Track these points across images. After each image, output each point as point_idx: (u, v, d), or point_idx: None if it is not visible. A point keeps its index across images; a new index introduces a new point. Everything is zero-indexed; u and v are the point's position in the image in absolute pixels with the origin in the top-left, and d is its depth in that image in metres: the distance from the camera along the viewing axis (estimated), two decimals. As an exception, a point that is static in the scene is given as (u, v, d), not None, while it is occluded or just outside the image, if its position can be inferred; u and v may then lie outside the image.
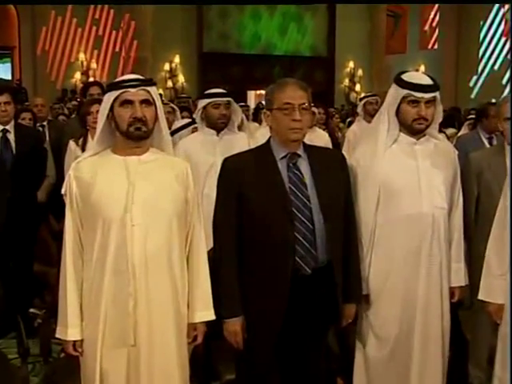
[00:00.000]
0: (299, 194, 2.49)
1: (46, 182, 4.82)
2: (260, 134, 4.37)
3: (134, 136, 2.29)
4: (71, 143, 4.47)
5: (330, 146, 5.70)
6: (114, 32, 15.16)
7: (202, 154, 3.94)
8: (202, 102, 4.07)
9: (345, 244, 2.62)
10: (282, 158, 2.54)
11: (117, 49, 15.25)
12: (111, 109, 2.31)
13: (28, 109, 6.34)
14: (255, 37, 16.91)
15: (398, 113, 2.74)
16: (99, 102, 4.38)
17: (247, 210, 2.50)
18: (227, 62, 16.26)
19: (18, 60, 15.21)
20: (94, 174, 2.31)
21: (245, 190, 2.50)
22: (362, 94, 8.26)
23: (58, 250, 4.81)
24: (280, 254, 2.46)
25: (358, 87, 17.91)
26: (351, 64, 17.86)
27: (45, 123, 6.27)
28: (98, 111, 4.19)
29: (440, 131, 3.71)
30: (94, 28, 15.02)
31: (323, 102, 7.71)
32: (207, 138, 4.02)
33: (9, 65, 15.55)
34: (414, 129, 2.73)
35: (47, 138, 5.93)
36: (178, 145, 4.10)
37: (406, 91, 2.68)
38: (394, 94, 2.73)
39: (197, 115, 4.15)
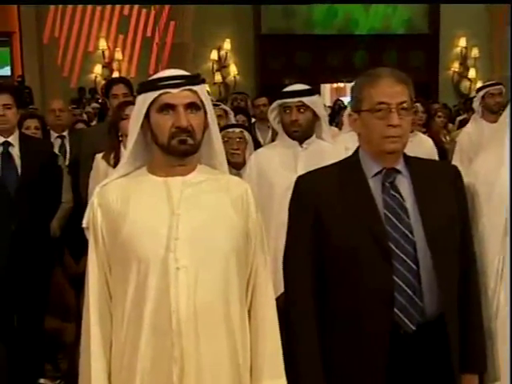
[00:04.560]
0: (398, 224, 2.48)
1: (60, 210, 4.94)
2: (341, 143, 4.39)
3: (177, 151, 2.34)
4: (99, 160, 4.53)
5: (435, 155, 5.67)
6: (143, 11, 15.42)
7: (280, 169, 4.03)
8: (274, 104, 4.19)
9: (462, 290, 2.59)
10: (375, 175, 2.55)
11: (148, 33, 15.49)
12: (147, 115, 2.36)
13: (34, 114, 6.49)
14: (330, 12, 16.97)
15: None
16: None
17: (328, 244, 2.51)
18: (293, 47, 16.37)
19: (19, 50, 15.58)
20: (126, 201, 2.37)
21: (324, 218, 2.51)
22: (479, 83, 8.15)
23: (76, 300, 4.97)
24: (374, 304, 2.45)
25: (472, 73, 17.68)
26: (462, 42, 17.65)
27: (65, 133, 6.39)
28: None
29: None
30: (118, 7, 15.30)
31: (424, 96, 7.67)
32: (287, 150, 4.09)
33: (7, 56, 15.96)
34: None
35: (67, 153, 6.07)
36: (250, 157, 4.25)
37: None
38: None
39: (270, 119, 4.23)
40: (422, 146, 5.59)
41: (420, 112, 6.41)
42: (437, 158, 5.62)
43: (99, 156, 4.55)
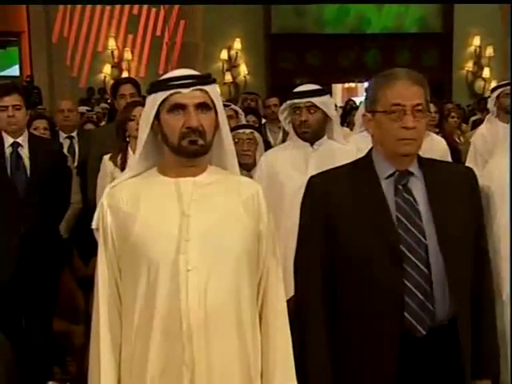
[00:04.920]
0: (411, 227, 2.48)
1: (69, 211, 4.96)
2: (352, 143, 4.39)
3: (187, 151, 2.34)
4: (106, 161, 4.55)
5: (448, 156, 5.65)
6: (153, 11, 15.42)
7: (290, 170, 4.04)
8: (284, 104, 4.21)
9: (476, 294, 2.58)
10: (388, 177, 2.55)
11: (158, 33, 15.51)
12: (157, 115, 2.37)
13: (42, 115, 6.52)
14: (341, 11, 16.95)
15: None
16: (143, 104, 4.53)
17: (339, 246, 2.52)
18: (304, 46, 16.36)
19: (28, 50, 15.61)
20: (136, 202, 2.37)
21: (336, 220, 2.52)
22: (493, 83, 8.12)
23: (85, 302, 4.98)
24: (384, 308, 2.46)
25: (486, 72, 17.61)
26: (476, 41, 17.58)
27: (74, 134, 6.39)
28: None
29: None
30: (128, 6, 15.31)
31: (437, 96, 7.64)
32: (298, 151, 4.10)
33: (16, 56, 16.01)
34: None
35: (76, 154, 6.08)
36: (261, 158, 4.28)
37: None
38: None
39: (281, 119, 4.25)
40: (435, 147, 5.56)
41: (433, 112, 6.38)
42: (450, 159, 5.60)
43: (106, 157, 4.58)
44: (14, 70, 16.03)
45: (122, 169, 4.38)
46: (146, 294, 2.31)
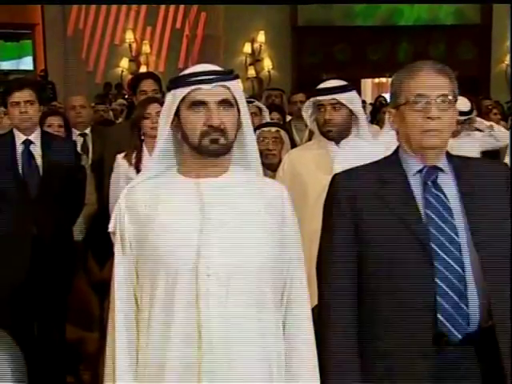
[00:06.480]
0: (442, 225, 2.48)
1: (84, 212, 4.99)
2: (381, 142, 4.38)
3: (208, 151, 2.35)
4: (120, 160, 4.57)
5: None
6: (173, 2, 15.49)
7: (314, 171, 4.03)
8: (308, 101, 4.22)
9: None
10: (416, 173, 2.56)
11: (177, 25, 15.55)
12: (177, 113, 2.38)
13: (56, 111, 6.53)
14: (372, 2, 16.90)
15: None
16: (159, 100, 4.50)
17: (366, 247, 2.52)
18: (332, 39, 16.33)
19: (43, 43, 15.75)
20: (155, 204, 2.38)
21: (362, 218, 2.52)
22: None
23: (100, 308, 5.00)
24: (414, 311, 2.45)
25: (526, 67, 17.51)
26: (517, 33, 17.48)
27: (87, 131, 6.40)
28: (157, 113, 4.36)
29: None
30: (146, -3, 15.38)
31: (474, 92, 7.62)
32: (322, 150, 4.10)
33: (29, 49, 16.14)
34: None
35: (90, 153, 6.12)
36: (284, 158, 4.29)
37: None
38: None
39: (305, 117, 4.24)
40: (471, 146, 5.56)
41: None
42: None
43: (120, 156, 4.59)
44: (28, 64, 16.12)
45: (137, 168, 4.41)
46: (164, 300, 2.32)
